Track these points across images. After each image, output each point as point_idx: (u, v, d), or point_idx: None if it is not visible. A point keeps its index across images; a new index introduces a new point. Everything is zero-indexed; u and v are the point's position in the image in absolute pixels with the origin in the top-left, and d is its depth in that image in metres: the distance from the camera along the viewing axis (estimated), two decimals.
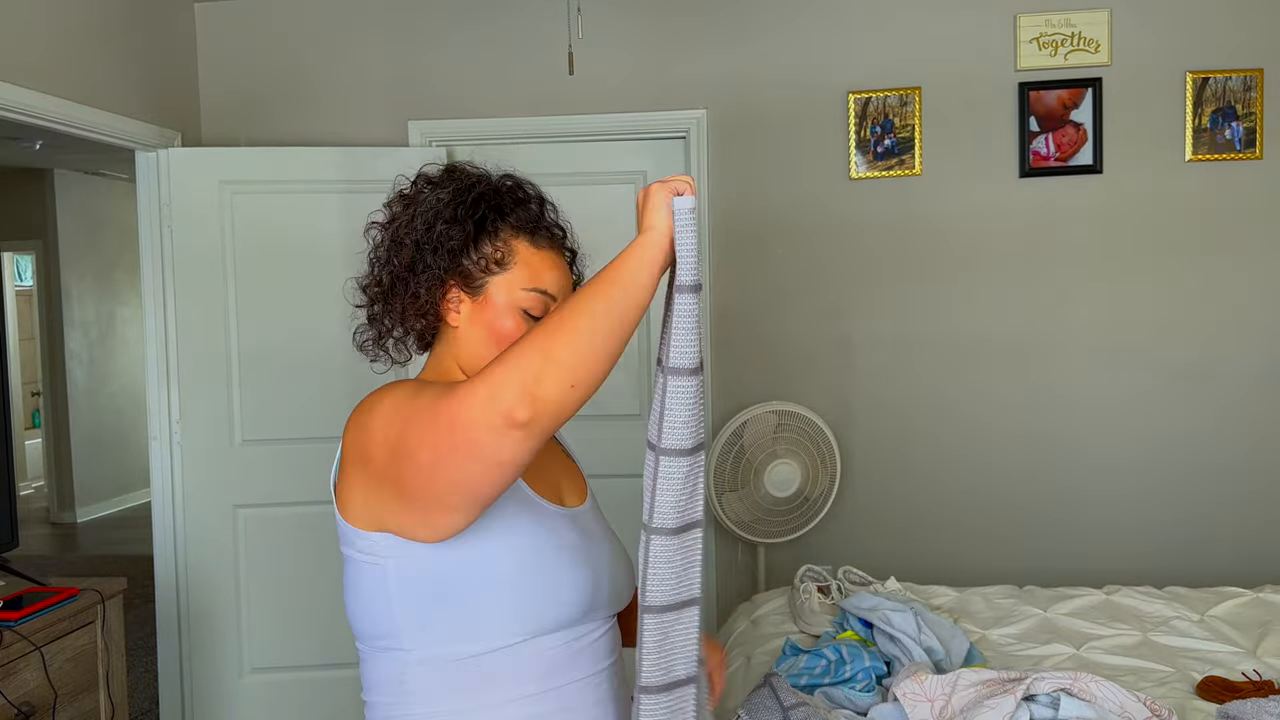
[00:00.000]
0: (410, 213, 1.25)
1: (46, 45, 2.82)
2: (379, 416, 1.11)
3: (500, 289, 1.22)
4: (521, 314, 1.23)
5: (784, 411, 3.25)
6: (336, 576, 3.61)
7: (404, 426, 1.06)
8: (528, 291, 1.23)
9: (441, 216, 1.22)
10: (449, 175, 1.27)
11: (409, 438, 1.05)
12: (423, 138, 3.53)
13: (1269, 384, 3.31)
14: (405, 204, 1.27)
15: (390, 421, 1.09)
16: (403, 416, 1.07)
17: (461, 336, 1.25)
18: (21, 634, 2.26)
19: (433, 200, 1.24)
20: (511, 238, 1.24)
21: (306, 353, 3.35)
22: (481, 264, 1.22)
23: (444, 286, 1.23)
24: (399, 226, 1.25)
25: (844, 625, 2.33)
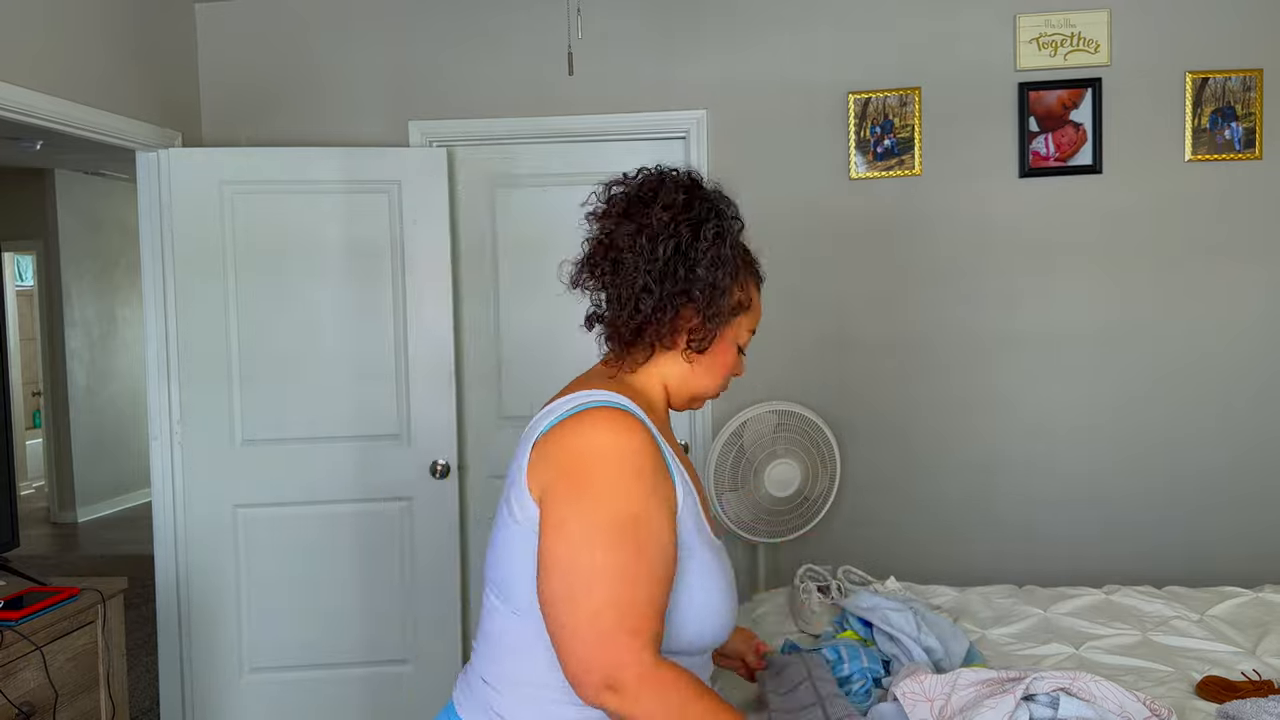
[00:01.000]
0: (683, 238, 1.27)
1: (46, 45, 2.82)
2: (604, 483, 1.15)
3: (734, 328, 1.37)
4: (739, 347, 1.40)
5: (784, 411, 3.25)
6: (337, 576, 3.62)
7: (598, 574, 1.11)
8: (750, 331, 1.41)
9: (721, 259, 1.29)
10: (711, 203, 1.31)
11: (580, 592, 1.11)
12: (423, 138, 3.53)
13: (1269, 383, 3.31)
14: (682, 220, 1.28)
15: (603, 525, 1.13)
16: (606, 559, 1.12)
17: (683, 363, 1.34)
18: (22, 634, 2.26)
19: (710, 234, 1.28)
20: (751, 283, 1.40)
21: (307, 352, 3.36)
22: (733, 307, 1.34)
23: (690, 318, 1.30)
24: (673, 247, 1.27)
25: (844, 625, 2.33)
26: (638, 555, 1.12)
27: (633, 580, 1.11)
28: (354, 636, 3.42)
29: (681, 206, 1.28)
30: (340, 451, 3.39)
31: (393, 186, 3.37)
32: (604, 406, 1.21)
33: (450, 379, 3.41)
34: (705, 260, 1.28)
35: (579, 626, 1.10)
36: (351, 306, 3.37)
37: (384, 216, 3.36)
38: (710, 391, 1.38)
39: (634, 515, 1.14)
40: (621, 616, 1.10)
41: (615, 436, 1.18)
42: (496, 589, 1.26)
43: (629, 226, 1.28)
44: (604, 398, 1.23)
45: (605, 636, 1.09)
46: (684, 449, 1.52)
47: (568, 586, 1.12)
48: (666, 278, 1.27)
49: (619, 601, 1.10)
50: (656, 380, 1.35)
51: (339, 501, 3.39)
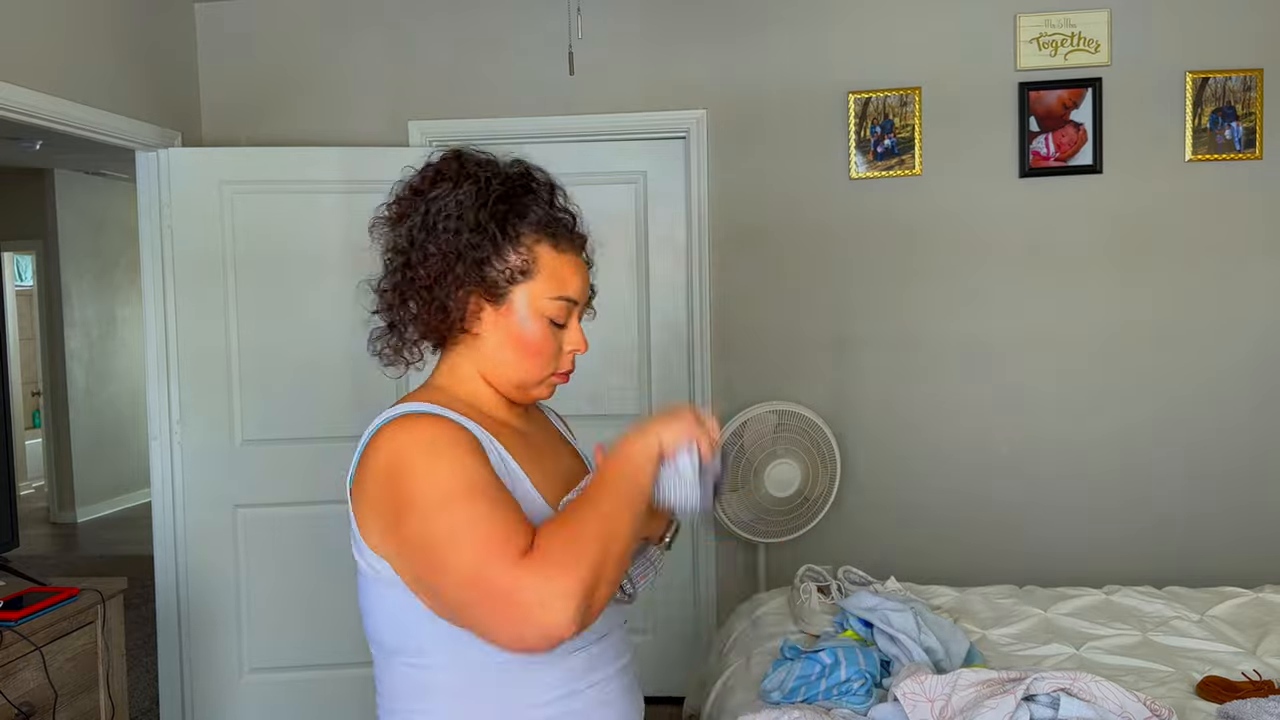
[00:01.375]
0: (427, 214, 1.17)
1: (46, 45, 2.82)
2: (418, 481, 1.07)
3: (524, 298, 1.18)
4: (548, 322, 1.20)
5: (784, 411, 3.25)
6: (336, 576, 3.60)
7: (451, 541, 1.03)
8: (554, 300, 1.19)
9: (466, 223, 1.16)
10: (460, 168, 1.20)
11: (453, 564, 1.03)
12: (423, 138, 3.53)
13: (1269, 384, 3.31)
14: (418, 201, 1.19)
15: (434, 506, 1.05)
16: (451, 522, 1.04)
17: (484, 345, 1.21)
18: (22, 634, 2.26)
19: (452, 202, 1.16)
20: (535, 243, 1.19)
21: (307, 352, 3.35)
22: (506, 274, 1.17)
23: (467, 295, 1.17)
24: (415, 229, 1.18)
25: (844, 625, 2.33)
26: (469, 499, 1.04)
27: (474, 523, 1.03)
28: (354, 636, 3.40)
29: (413, 190, 1.21)
30: (340, 451, 3.36)
31: (393, 187, 3.37)
32: (405, 415, 1.14)
33: None
34: (440, 230, 1.16)
35: (462, 597, 1.02)
36: (351, 306, 3.35)
37: None
38: (533, 374, 1.21)
39: (450, 475, 1.06)
40: (487, 553, 1.01)
41: (418, 432, 1.10)
42: (373, 643, 1.20)
43: (385, 229, 1.23)
44: (409, 408, 1.16)
45: (490, 581, 1.00)
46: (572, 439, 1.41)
47: (431, 573, 1.05)
48: (411, 262, 1.18)
49: (472, 547, 1.01)
50: (471, 377, 1.23)
51: (339, 501, 3.36)
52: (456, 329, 1.20)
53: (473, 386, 1.23)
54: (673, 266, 3.54)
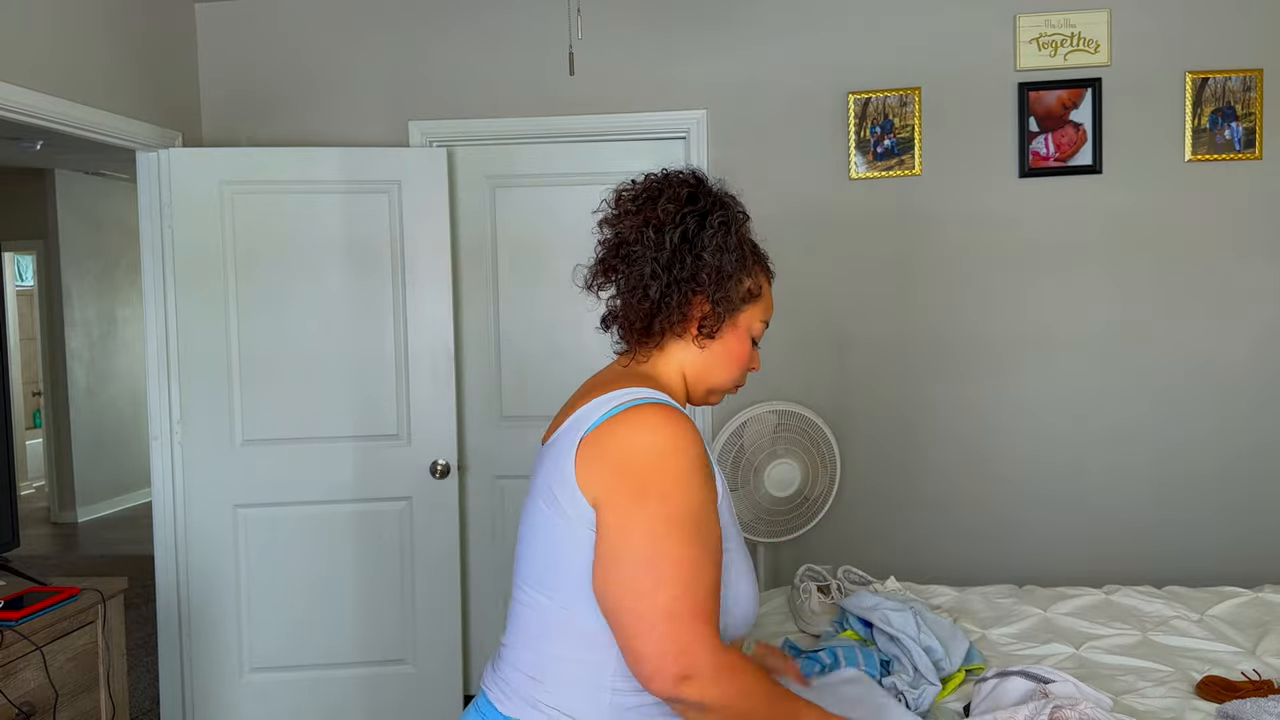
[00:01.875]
0: (691, 228, 1.31)
1: (46, 45, 2.82)
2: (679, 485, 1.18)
3: (746, 318, 1.39)
4: (751, 339, 1.41)
5: (784, 411, 3.25)
6: (337, 576, 3.61)
7: (675, 566, 1.14)
8: (763, 323, 1.42)
9: (729, 244, 1.32)
10: (711, 193, 1.35)
11: (664, 581, 1.14)
12: (423, 138, 3.53)
13: (1269, 383, 3.31)
14: (679, 212, 1.31)
15: (681, 522, 1.16)
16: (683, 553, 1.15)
17: (697, 351, 1.36)
18: (22, 634, 2.26)
19: (718, 222, 1.32)
20: (760, 273, 1.41)
21: (307, 353, 3.36)
22: (744, 294, 1.36)
23: (704, 301, 1.32)
24: (676, 237, 1.30)
25: (844, 625, 2.33)
26: (703, 547, 1.16)
27: (699, 571, 1.15)
28: (354, 636, 3.42)
29: (686, 199, 1.33)
30: (340, 451, 3.39)
31: (393, 186, 3.37)
32: (651, 403, 1.23)
33: (450, 379, 3.42)
34: (711, 247, 1.31)
35: (656, 619, 1.13)
36: (351, 306, 3.37)
37: (384, 216, 3.36)
38: (727, 383, 1.41)
39: (696, 509, 1.18)
40: (694, 606, 1.13)
41: (670, 433, 1.20)
42: (538, 584, 1.27)
43: (636, 220, 1.32)
44: (648, 395, 1.25)
45: (681, 627, 1.12)
46: None
47: (638, 581, 1.14)
48: (674, 264, 1.30)
49: (690, 592, 1.13)
50: (674, 373, 1.37)
51: (339, 501, 3.39)
52: (685, 328, 1.34)
53: (674, 380, 1.37)
54: None
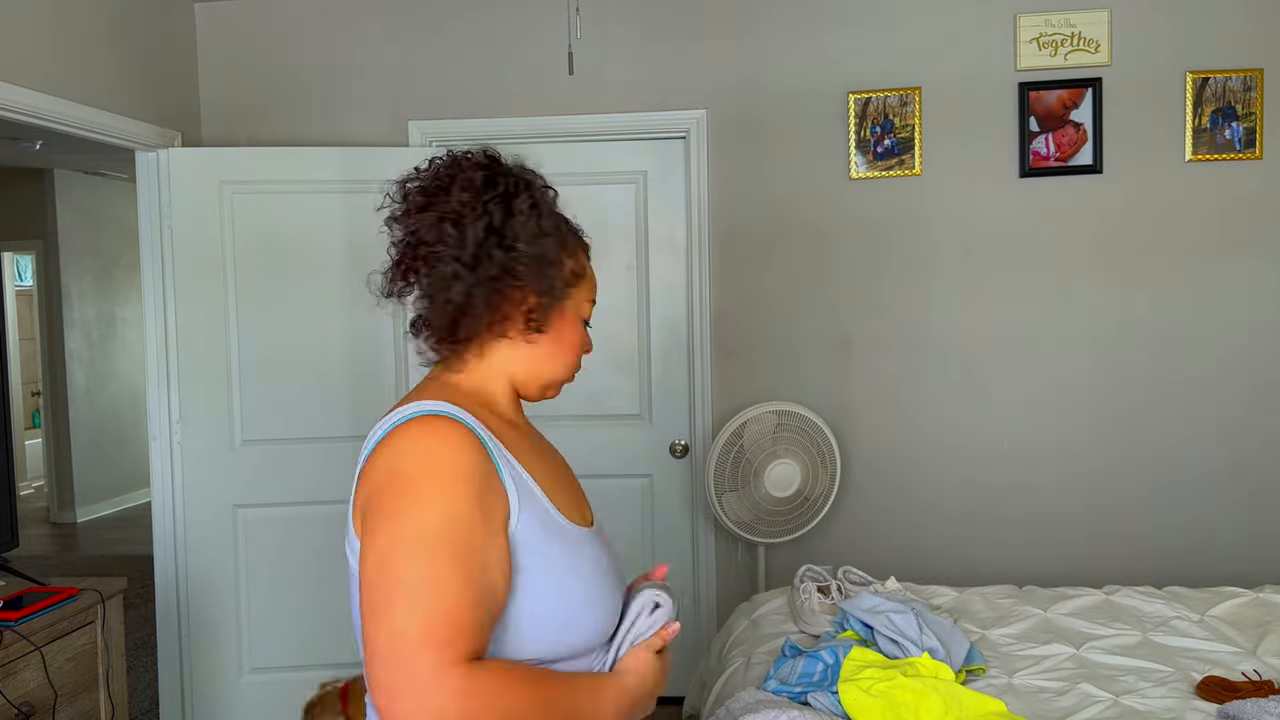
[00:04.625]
0: (494, 217, 1.17)
1: (46, 45, 2.82)
2: (415, 502, 1.04)
3: (573, 302, 1.25)
4: (583, 322, 1.27)
5: (784, 411, 3.25)
6: (336, 577, 3.60)
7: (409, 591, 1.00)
8: (590, 303, 1.28)
9: (543, 230, 1.19)
10: (509, 174, 1.21)
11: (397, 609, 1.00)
12: (423, 138, 3.53)
13: (1269, 384, 3.31)
14: (476, 202, 1.18)
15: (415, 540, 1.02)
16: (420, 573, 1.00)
17: (525, 348, 1.22)
18: (21, 634, 2.26)
19: (525, 206, 1.18)
20: (580, 250, 1.26)
21: (306, 353, 3.35)
22: (567, 279, 1.23)
23: (525, 295, 1.19)
24: (478, 230, 1.17)
25: (844, 625, 2.33)
26: (451, 566, 1.01)
27: (442, 591, 0.99)
28: (354, 637, 3.41)
29: (483, 185, 1.19)
30: (340, 451, 3.38)
31: (393, 187, 3.37)
32: (422, 416, 1.11)
33: None
34: (525, 236, 1.17)
35: (380, 647, 0.98)
36: (351, 306, 3.37)
37: (383, 216, 3.35)
38: (564, 374, 1.27)
39: (446, 524, 1.03)
40: (427, 630, 0.98)
41: (431, 444, 1.07)
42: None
43: (429, 217, 1.19)
44: (425, 407, 1.12)
45: (408, 654, 0.97)
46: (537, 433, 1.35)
47: (368, 605, 1.02)
48: (480, 261, 1.16)
49: (424, 614, 0.98)
50: (497, 376, 1.23)
51: (339, 502, 3.37)
52: (505, 327, 1.21)
53: (494, 385, 1.23)
54: (673, 266, 3.54)
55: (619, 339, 3.50)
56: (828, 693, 1.96)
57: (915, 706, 1.86)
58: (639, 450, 3.55)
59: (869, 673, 1.95)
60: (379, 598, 1.01)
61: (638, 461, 3.55)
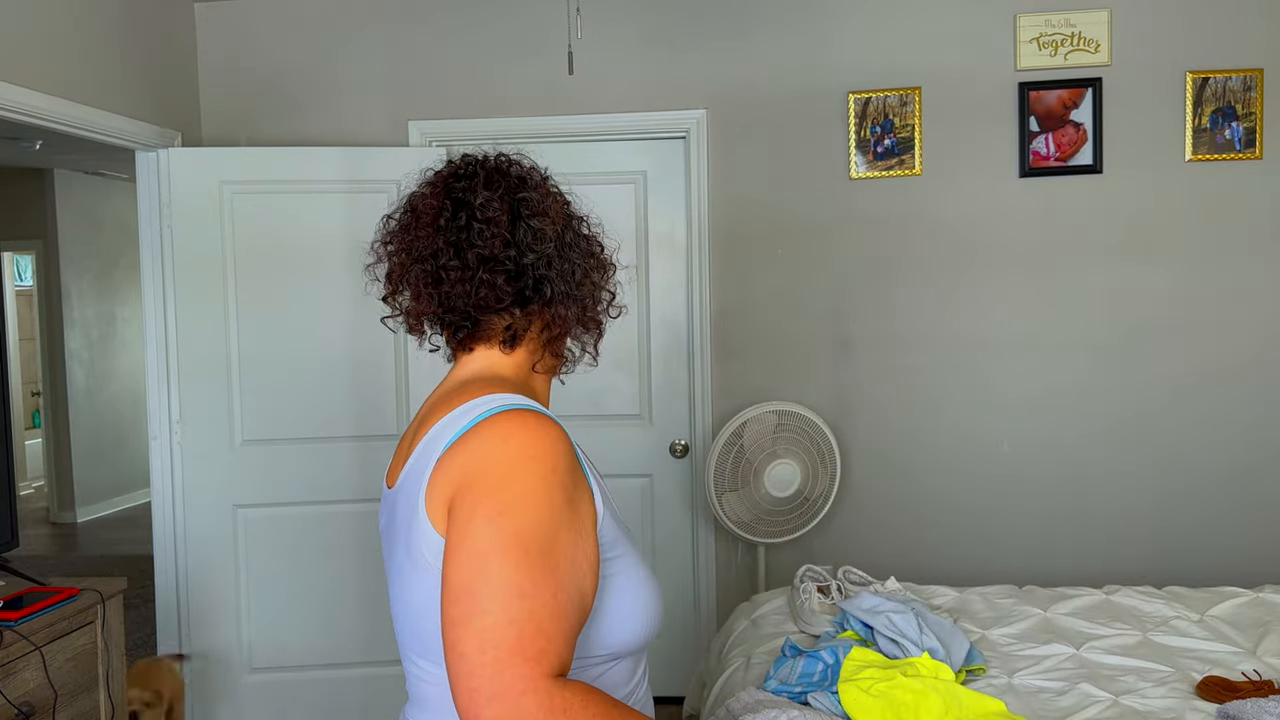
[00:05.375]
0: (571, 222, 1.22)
1: (46, 45, 2.82)
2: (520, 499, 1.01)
3: None
4: None
5: (784, 411, 3.25)
6: (337, 577, 3.61)
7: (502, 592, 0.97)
8: None
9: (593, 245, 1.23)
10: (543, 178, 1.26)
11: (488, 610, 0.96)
12: (423, 138, 3.53)
13: (1269, 384, 3.31)
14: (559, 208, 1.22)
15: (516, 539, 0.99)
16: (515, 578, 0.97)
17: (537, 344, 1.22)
18: (21, 634, 2.26)
19: (581, 216, 1.24)
20: None
21: (306, 352, 3.35)
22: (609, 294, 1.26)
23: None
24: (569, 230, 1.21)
25: (844, 625, 2.33)
26: (547, 572, 0.98)
27: (536, 599, 0.97)
28: (354, 636, 3.42)
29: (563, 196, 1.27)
30: (340, 451, 3.38)
31: (392, 186, 3.37)
32: (514, 409, 1.07)
33: None
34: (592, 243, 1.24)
35: (469, 652, 0.95)
36: (351, 306, 3.37)
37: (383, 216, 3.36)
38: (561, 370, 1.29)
39: (547, 529, 1.00)
40: (520, 640, 0.95)
41: (532, 442, 1.04)
42: (425, 653, 1.11)
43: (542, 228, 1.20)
44: (510, 401, 1.09)
45: (500, 663, 0.94)
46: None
47: (456, 607, 0.97)
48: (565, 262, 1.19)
49: (518, 623, 0.95)
50: (530, 373, 1.22)
51: (339, 501, 3.39)
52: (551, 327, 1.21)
53: (542, 385, 1.25)
54: (673, 266, 3.54)
55: (619, 339, 3.50)
56: (828, 693, 1.96)
57: (915, 706, 1.86)
58: (639, 450, 3.55)
59: (869, 673, 1.95)
60: (471, 600, 0.97)
61: (638, 461, 3.55)
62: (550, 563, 0.99)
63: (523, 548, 0.98)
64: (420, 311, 1.20)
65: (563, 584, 1.00)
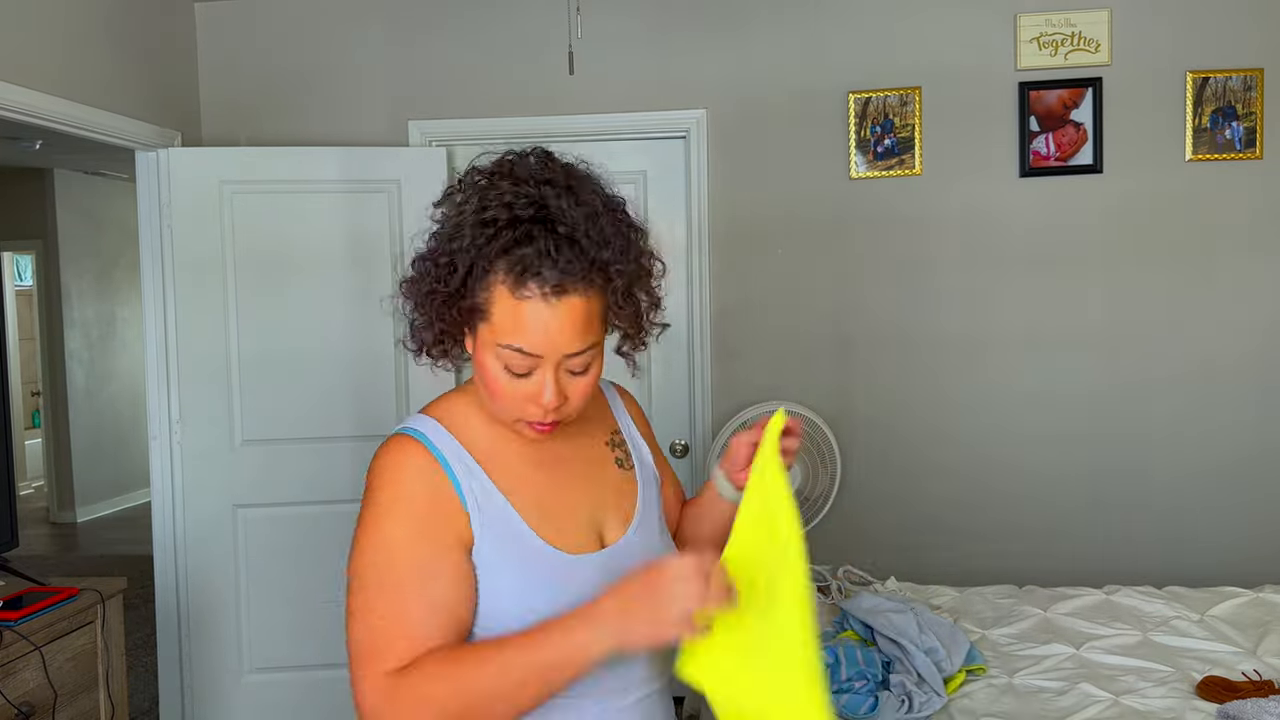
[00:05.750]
0: (448, 219, 1.12)
1: (46, 45, 2.82)
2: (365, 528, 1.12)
3: (483, 334, 1.09)
4: (504, 368, 1.08)
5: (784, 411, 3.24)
6: (337, 576, 3.59)
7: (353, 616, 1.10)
8: (503, 348, 1.07)
9: (463, 240, 1.06)
10: (476, 180, 1.12)
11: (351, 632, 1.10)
12: (423, 138, 3.53)
13: (1268, 383, 3.30)
14: (449, 204, 1.13)
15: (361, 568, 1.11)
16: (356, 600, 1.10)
17: (475, 366, 1.13)
18: (21, 634, 2.26)
19: (468, 212, 1.08)
20: (499, 280, 1.05)
21: (306, 352, 3.35)
22: (467, 308, 1.08)
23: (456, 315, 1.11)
24: (439, 232, 1.12)
25: (844, 625, 2.34)
26: (378, 590, 1.07)
27: (369, 614, 1.07)
28: None
29: (444, 193, 1.15)
30: (340, 451, 3.38)
31: (392, 186, 3.37)
32: (394, 435, 1.15)
33: (450, 378, 3.41)
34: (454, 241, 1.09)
35: (352, 674, 1.08)
36: (351, 306, 3.37)
37: (383, 216, 3.36)
38: (500, 412, 1.12)
39: (383, 552, 1.08)
40: (359, 654, 1.07)
41: (383, 470, 1.12)
42: None
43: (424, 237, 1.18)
44: (405, 424, 1.16)
45: (353, 668, 1.07)
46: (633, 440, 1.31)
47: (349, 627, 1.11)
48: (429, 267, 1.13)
49: (358, 635, 1.08)
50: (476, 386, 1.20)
51: (339, 501, 3.39)
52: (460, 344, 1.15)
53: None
54: (673, 266, 3.53)
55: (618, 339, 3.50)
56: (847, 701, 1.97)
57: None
58: None
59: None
60: (349, 612, 1.10)
61: None
62: (381, 584, 1.07)
63: (358, 575, 1.10)
64: None
65: (402, 598, 1.06)
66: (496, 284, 1.06)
